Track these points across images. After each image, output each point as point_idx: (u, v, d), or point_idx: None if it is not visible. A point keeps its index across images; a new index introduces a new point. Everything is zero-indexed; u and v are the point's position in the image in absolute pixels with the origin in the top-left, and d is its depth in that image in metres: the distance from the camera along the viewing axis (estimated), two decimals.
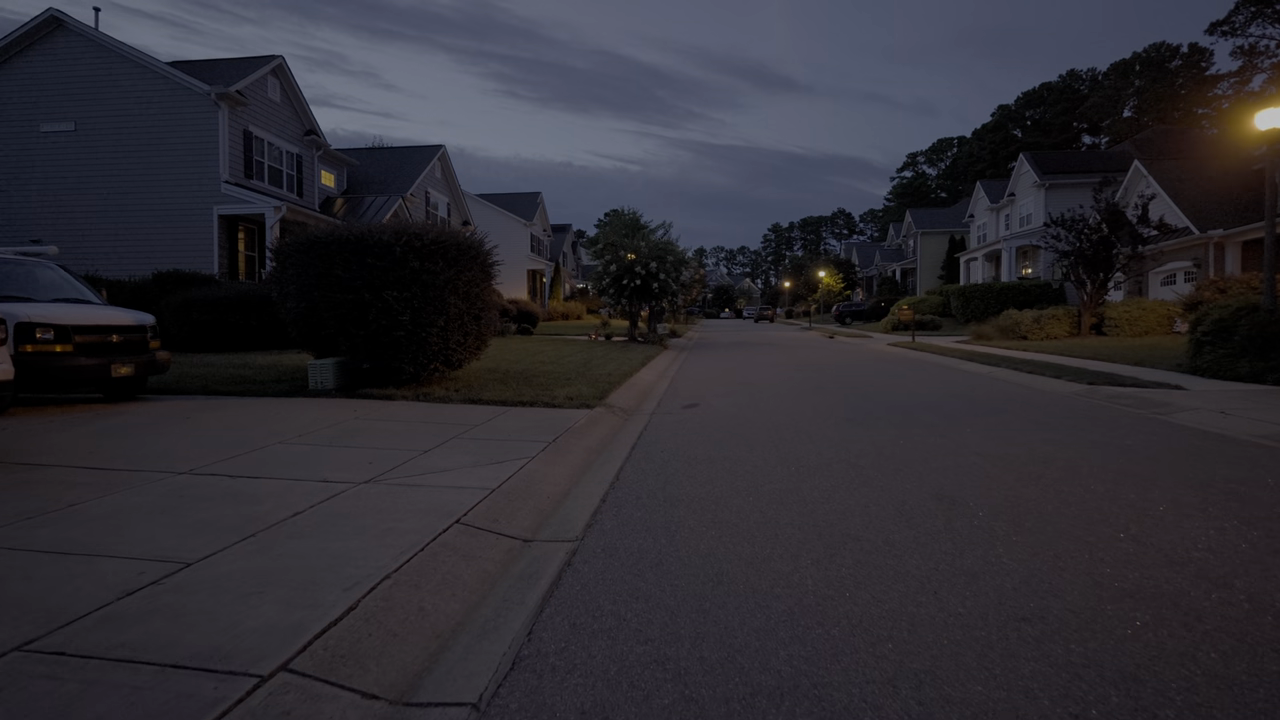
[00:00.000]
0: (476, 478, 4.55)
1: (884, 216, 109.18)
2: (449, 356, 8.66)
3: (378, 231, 8.12)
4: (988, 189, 41.23)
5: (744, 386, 10.53)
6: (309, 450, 5.33)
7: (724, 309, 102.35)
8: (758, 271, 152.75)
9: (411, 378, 8.57)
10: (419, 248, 8.16)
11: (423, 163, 25.51)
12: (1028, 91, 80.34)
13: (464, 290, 8.69)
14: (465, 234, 9.07)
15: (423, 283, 8.17)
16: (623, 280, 20.43)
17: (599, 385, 9.46)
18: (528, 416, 7.15)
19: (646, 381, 11.30)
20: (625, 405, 8.46)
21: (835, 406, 8.20)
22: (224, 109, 16.73)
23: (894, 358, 16.55)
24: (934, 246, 52.20)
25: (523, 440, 5.83)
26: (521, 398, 8.08)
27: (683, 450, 5.74)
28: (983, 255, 38.27)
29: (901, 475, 4.74)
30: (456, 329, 8.63)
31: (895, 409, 7.93)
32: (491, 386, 8.95)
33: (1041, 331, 20.26)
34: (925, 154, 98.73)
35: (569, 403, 7.89)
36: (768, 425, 6.92)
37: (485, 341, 9.62)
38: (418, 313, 8.15)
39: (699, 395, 9.52)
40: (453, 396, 8.08)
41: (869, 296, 61.80)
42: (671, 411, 8.03)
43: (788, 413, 7.75)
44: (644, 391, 10.06)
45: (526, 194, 45.27)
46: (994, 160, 77.64)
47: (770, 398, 9.11)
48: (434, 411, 7.34)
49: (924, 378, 11.65)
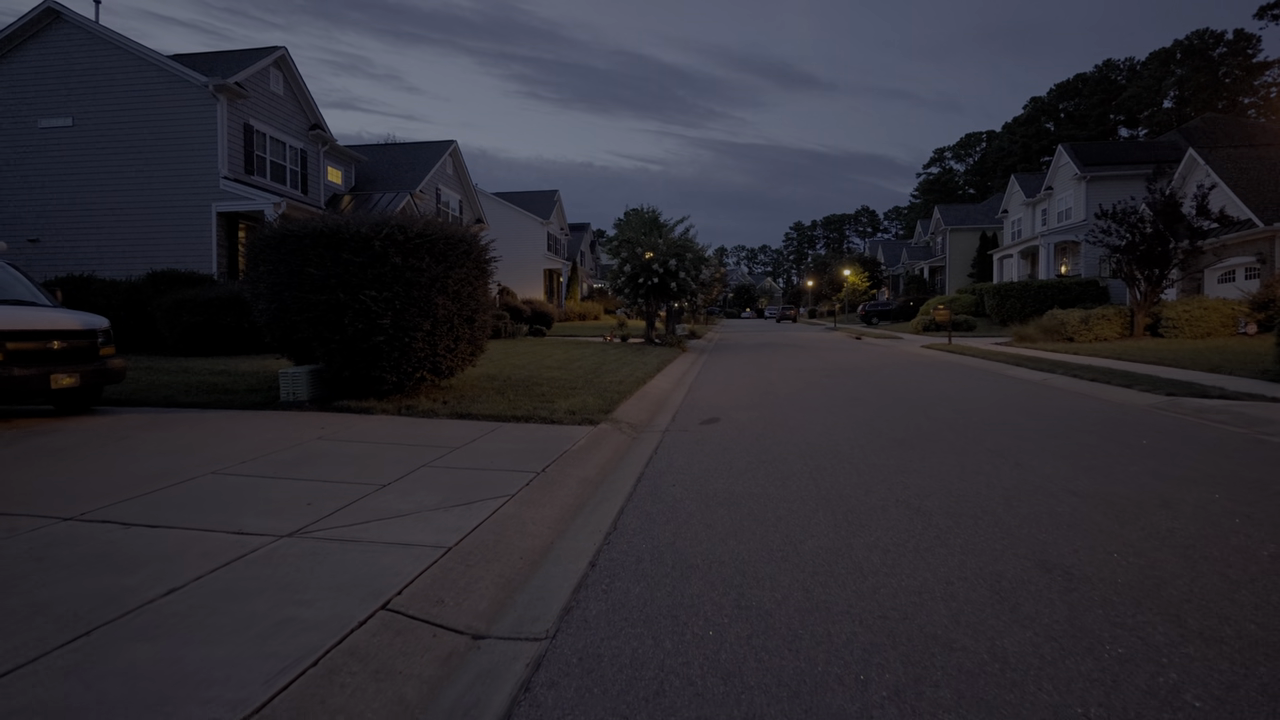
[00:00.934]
0: (434, 527, 3.56)
1: (909, 214, 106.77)
2: (437, 364, 7.71)
3: (354, 223, 7.19)
4: (1023, 183, 39.44)
5: (769, 396, 9.44)
6: (245, 483, 4.39)
7: (745, 309, 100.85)
8: (779, 271, 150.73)
9: (395, 388, 7.63)
10: (401, 241, 7.22)
11: (433, 159, 24.72)
12: (1061, 83, 77.68)
13: (455, 289, 7.73)
14: (458, 226, 8.11)
15: (406, 281, 7.23)
16: (639, 279, 19.41)
17: (607, 396, 8.45)
18: (520, 435, 6.16)
19: (661, 390, 10.26)
20: (635, 420, 7.44)
21: (877, 422, 7.08)
22: (222, 101, 16.05)
23: (932, 361, 15.30)
24: (964, 244, 50.38)
25: (506, 469, 4.83)
26: (517, 411, 7.10)
27: (699, 484, 4.69)
28: (1018, 252, 36.55)
29: (982, 527, 3.65)
30: (446, 333, 7.67)
31: (949, 425, 6.79)
32: (486, 398, 7.99)
33: (1090, 333, 18.81)
34: (952, 149, 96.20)
35: (570, 418, 6.89)
36: (801, 447, 5.85)
37: (481, 347, 8.66)
38: (400, 315, 7.20)
39: (719, 407, 8.46)
40: (439, 410, 7.13)
41: (895, 295, 60.04)
42: (688, 428, 6.99)
43: (823, 430, 6.66)
44: (658, 402, 9.02)
45: (543, 192, 44.46)
46: (1026, 155, 75.21)
47: (800, 410, 8.02)
48: (413, 429, 6.38)
49: (971, 385, 10.45)
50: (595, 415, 7.11)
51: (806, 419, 7.39)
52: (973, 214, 52.77)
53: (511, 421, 6.83)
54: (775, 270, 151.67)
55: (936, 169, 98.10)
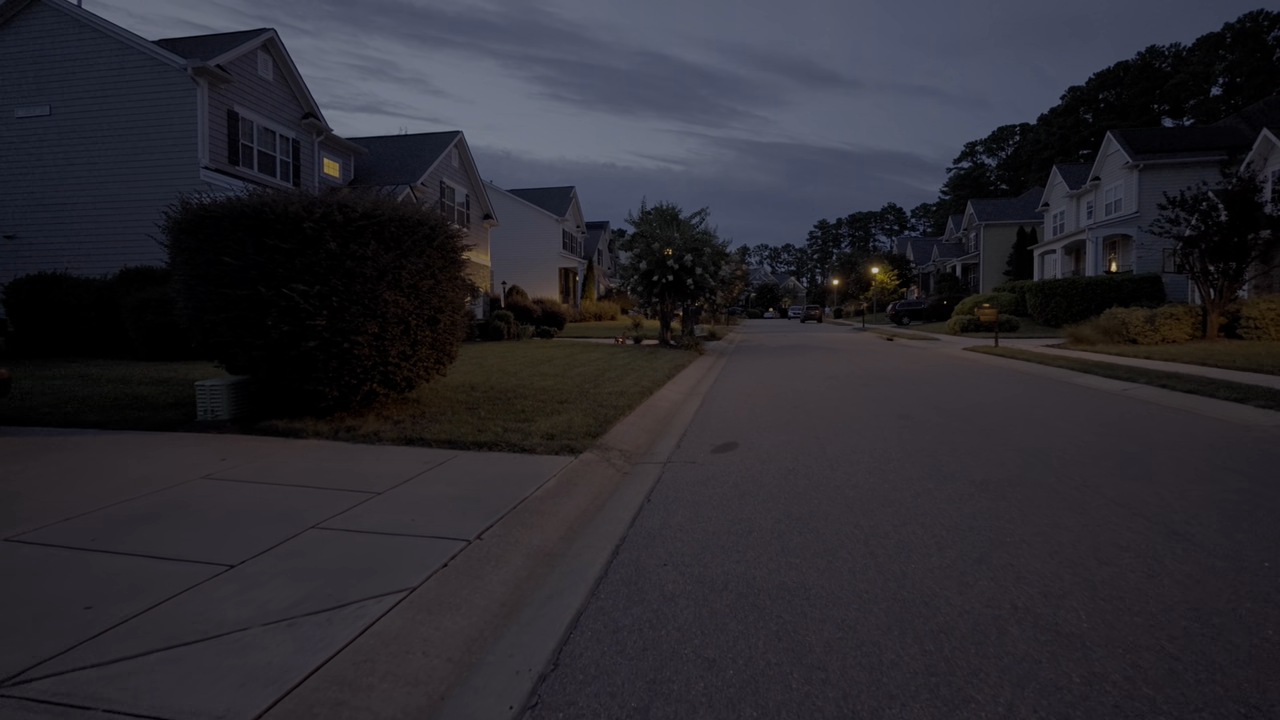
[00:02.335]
0: (247, 668, 2.11)
1: (938, 210, 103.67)
2: (389, 374, 6.29)
3: (282, 201, 5.81)
4: (1066, 174, 37.08)
5: (798, 411, 7.87)
6: (31, 560, 3.00)
7: (768, 308, 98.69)
8: (803, 270, 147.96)
9: (338, 404, 6.24)
10: (340, 223, 5.82)
11: (437, 150, 23.41)
12: (1101, 72, 74.34)
13: (411, 283, 6.31)
14: (418, 207, 6.69)
15: (346, 272, 5.83)
16: (653, 277, 17.89)
17: (601, 412, 6.97)
18: (473, 471, 4.71)
19: (670, 402, 8.75)
20: (631, 445, 5.94)
21: (941, 451, 5.50)
22: (203, 86, 14.91)
23: (981, 367, 13.54)
24: (999, 239, 47.98)
25: (429, 533, 3.38)
26: (481, 436, 5.65)
27: (701, 564, 3.19)
28: (1061, 247, 34.26)
29: (1189, 682, 2.09)
30: (400, 337, 6.26)
31: (1041, 459, 5.18)
32: (452, 415, 6.56)
33: (1156, 334, 16.84)
34: (984, 143, 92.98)
35: (546, 444, 5.43)
36: (846, 494, 4.30)
37: (449, 353, 7.23)
38: (338, 314, 5.80)
39: (737, 425, 6.93)
40: (385, 433, 5.71)
41: (926, 294, 57.66)
42: (696, 458, 5.47)
43: (872, 464, 5.10)
44: (663, 419, 7.51)
45: (559, 188, 43.16)
46: (1064, 147, 72.07)
47: (838, 431, 6.45)
48: (338, 461, 4.97)
49: (1039, 398, 8.76)
50: (580, 440, 5.64)
51: (847, 445, 5.82)
52: (1008, 208, 50.30)
53: (471, 449, 5.38)
54: (799, 269, 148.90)
55: (967, 164, 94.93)
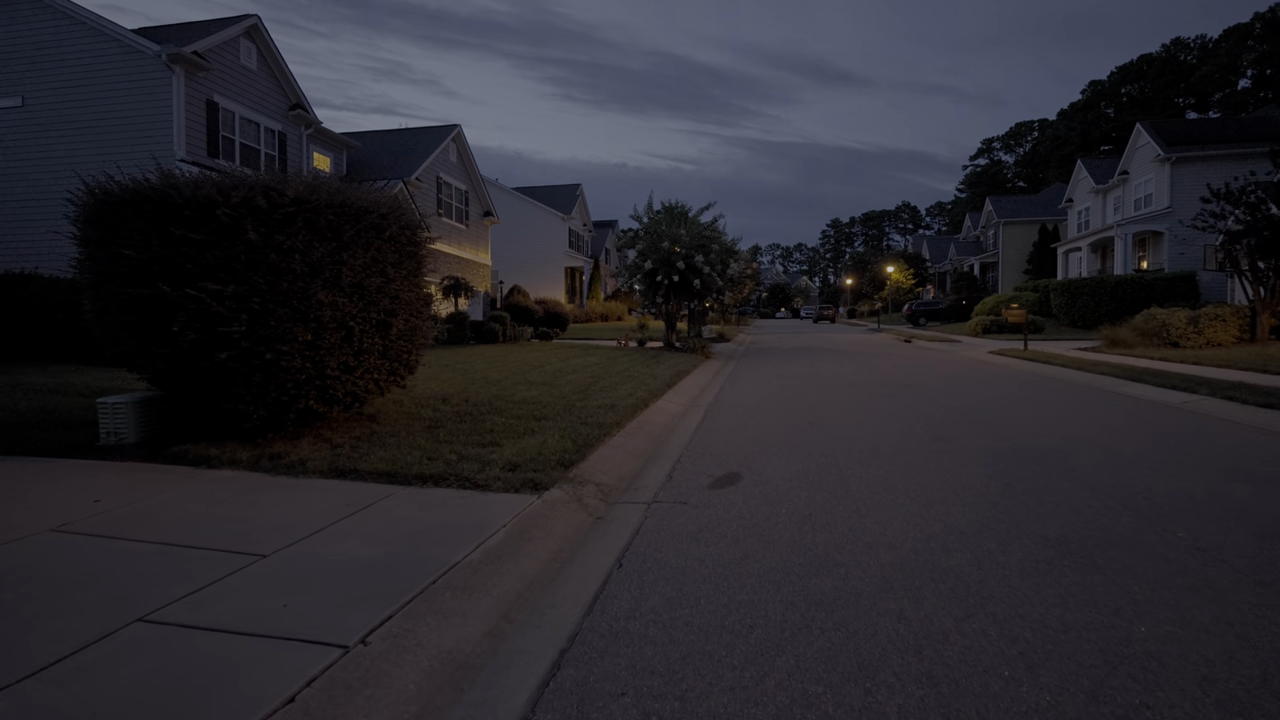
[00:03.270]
0: None
1: (954, 209, 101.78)
2: (328, 389, 5.31)
3: (193, 183, 4.85)
4: (1091, 168, 35.60)
5: (814, 428, 6.81)
6: None
7: (779, 308, 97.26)
8: (815, 269, 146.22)
9: (269, 424, 5.25)
10: (263, 209, 4.84)
11: (433, 144, 22.50)
12: (1124, 65, 72.32)
13: (355, 281, 5.33)
14: (366, 190, 5.70)
15: (271, 268, 4.85)
16: (657, 275, 16.84)
17: (584, 431, 5.96)
18: (402, 519, 3.71)
19: (668, 416, 7.72)
20: (612, 475, 4.93)
21: (993, 489, 4.43)
22: (179, 73, 14.07)
23: (1014, 373, 12.39)
24: (1019, 237, 46.46)
25: (297, 631, 2.37)
26: (430, 465, 4.67)
27: (678, 691, 2.17)
28: (1087, 245, 32.81)
29: None
30: (341, 345, 5.27)
31: (1126, 504, 4.10)
32: (406, 437, 5.57)
33: (1200, 337, 15.57)
34: (1001, 140, 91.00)
35: (506, 477, 4.43)
36: (880, 558, 3.26)
37: (407, 363, 6.24)
38: (261, 318, 4.83)
39: (742, 448, 5.89)
40: (315, 461, 4.73)
41: (942, 293, 56.18)
42: (688, 497, 4.44)
43: (909, 508, 4.05)
44: (656, 439, 6.48)
45: (565, 186, 42.21)
46: (1084, 143, 70.15)
47: (863, 459, 5.39)
48: (239, 502, 3.99)
49: (1094, 414, 7.64)
50: (548, 472, 4.63)
51: (876, 479, 4.76)
52: (1029, 205, 48.75)
53: (413, 484, 4.39)
54: (811, 269, 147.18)
55: (984, 161, 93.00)
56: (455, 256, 23.99)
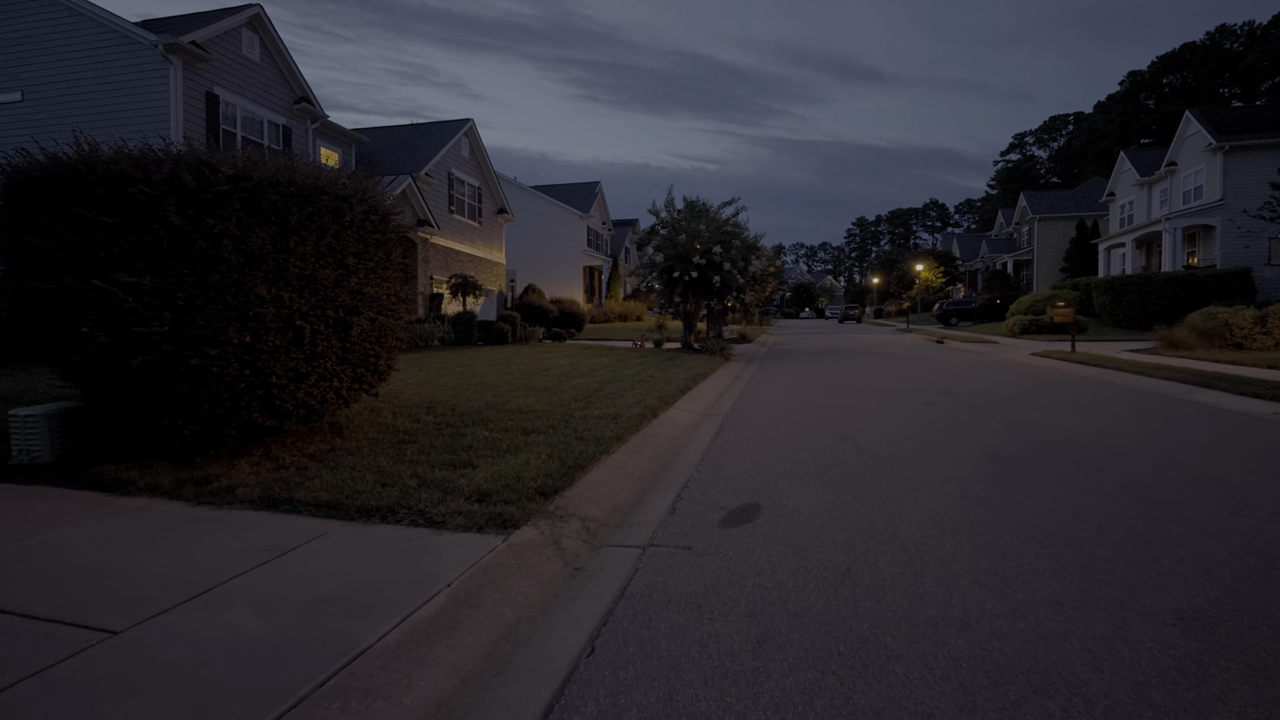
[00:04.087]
0: None
1: (984, 206, 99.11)
2: (273, 400, 4.52)
3: (109, 158, 4.11)
4: (1135, 160, 33.81)
5: (846, 444, 5.88)
6: None
7: (804, 308, 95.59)
8: (840, 268, 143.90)
9: (205, 440, 4.49)
10: (190, 188, 4.08)
11: (444, 139, 21.86)
12: (1165, 55, 69.44)
13: (306, 274, 4.55)
14: (317, 167, 4.93)
15: (199, 257, 4.09)
16: (674, 272, 15.94)
17: (577, 448, 5.12)
18: (322, 573, 2.90)
19: (679, 428, 6.84)
20: (602, 508, 4.07)
21: (1082, 532, 3.49)
22: (176, 65, 13.57)
23: (1065, 379, 11.26)
24: (1055, 234, 44.58)
25: None
26: (382, 494, 3.86)
27: None
28: (1131, 241, 31.11)
29: None
30: (288, 348, 4.49)
31: (1261, 556, 3.13)
32: (367, 456, 4.79)
33: (1269, 337, 14.24)
34: (1035, 134, 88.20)
35: (470, 511, 3.61)
36: (952, 648, 2.35)
37: (377, 367, 5.46)
38: (187, 317, 4.06)
39: (762, 472, 4.99)
40: (247, 487, 3.95)
41: (973, 292, 54.35)
42: (693, 541, 3.56)
43: (978, 559, 3.13)
44: (661, 457, 5.60)
45: (583, 184, 41.48)
46: (1123, 136, 67.54)
47: (909, 486, 4.46)
48: (128, 544, 3.22)
49: (1171, 428, 6.59)
50: (524, 502, 3.80)
51: (929, 515, 3.83)
52: (1065, 201, 46.79)
53: (355, 520, 3.59)
54: (836, 268, 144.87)
55: (1016, 156, 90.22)
56: (468, 254, 23.36)
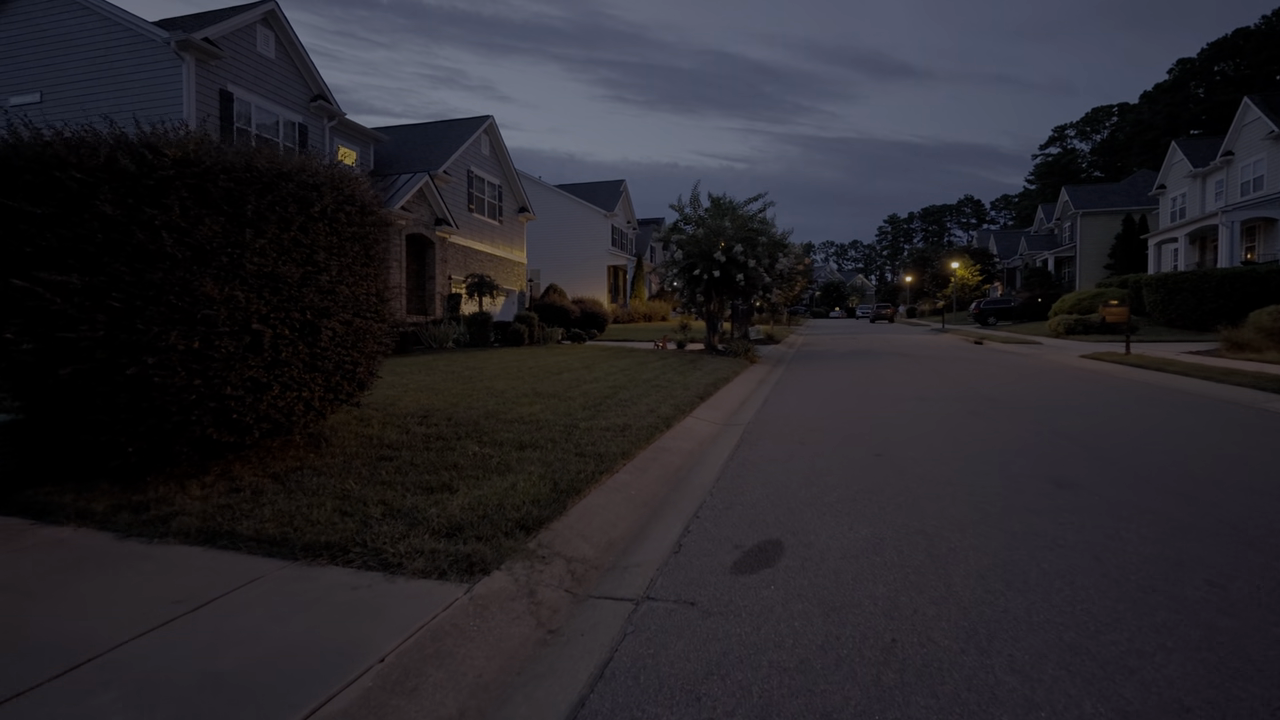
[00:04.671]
0: None
1: (1021, 202, 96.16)
2: (228, 413, 4.01)
3: (37, 144, 3.64)
4: (1187, 150, 32.05)
5: (883, 463, 5.18)
6: None
7: (834, 307, 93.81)
8: (871, 267, 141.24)
9: (154, 458, 4.00)
10: (129, 174, 3.59)
11: (463, 136, 21.49)
12: (1216, 41, 66.27)
13: (265, 270, 4.03)
14: (275, 152, 4.42)
15: (137, 251, 3.59)
16: (696, 271, 15.27)
17: (576, 466, 4.53)
18: (237, 636, 2.34)
19: (695, 440, 6.20)
20: (594, 545, 3.47)
21: (1189, 590, 2.77)
22: (189, 62, 13.37)
23: (1121, 383, 10.31)
24: (1099, 229, 42.70)
25: None
26: (337, 528, 3.32)
27: None
28: (1184, 235, 29.43)
29: None
30: (245, 354, 3.98)
31: None
32: (338, 475, 4.25)
33: None
34: (1076, 126, 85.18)
35: (436, 549, 3.07)
36: None
37: (356, 375, 4.93)
38: (124, 319, 3.57)
39: (786, 498, 4.33)
40: (182, 517, 3.44)
41: (1011, 290, 52.45)
42: (700, 590, 2.93)
43: (1065, 634, 2.43)
44: (671, 477, 4.97)
45: (607, 182, 40.97)
46: (1171, 127, 64.62)
47: (961, 522, 3.76)
48: (29, 591, 2.71)
49: (1264, 445, 5.73)
50: (501, 538, 3.23)
51: (993, 565, 3.14)
52: (1110, 194, 44.81)
53: (300, 558, 3.05)
54: (867, 267, 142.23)
55: (1056, 149, 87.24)
56: (487, 254, 22.99)
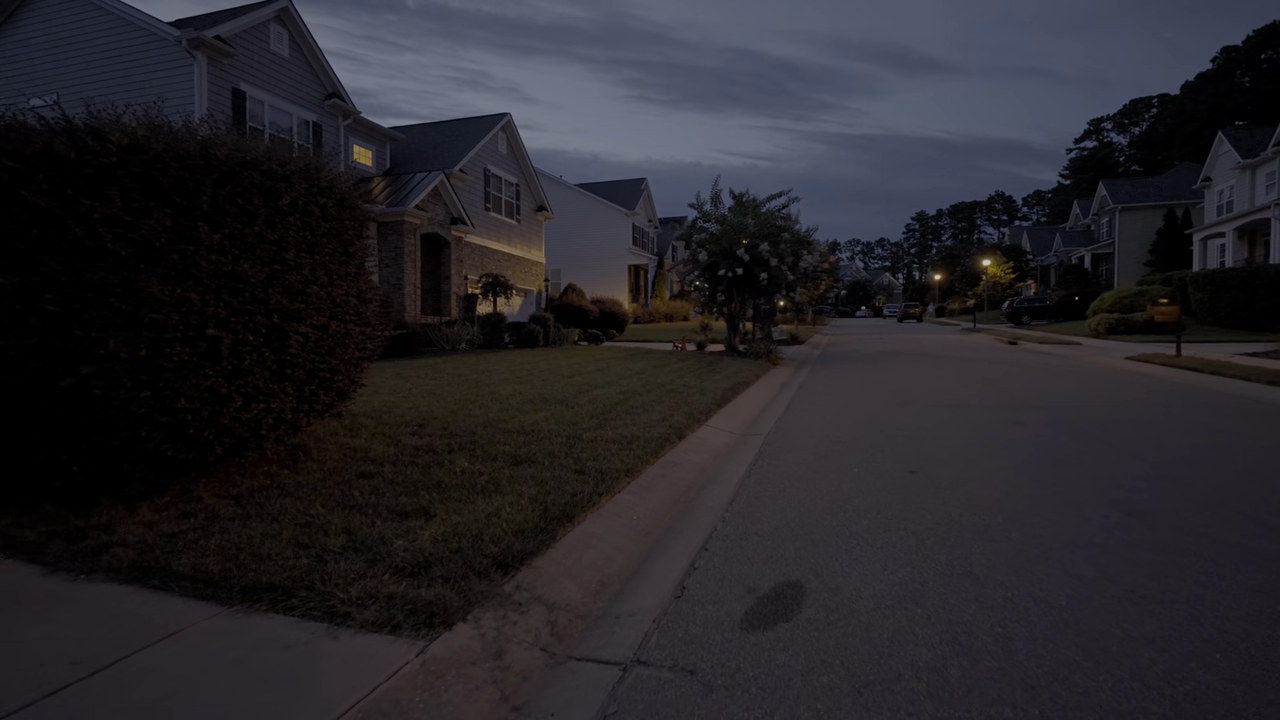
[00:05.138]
0: None
1: (1055, 197, 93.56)
2: (184, 428, 3.61)
3: None
4: (1235, 141, 30.52)
5: (920, 483, 4.61)
6: None
7: (860, 306, 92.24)
8: (898, 265, 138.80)
9: (100, 478, 3.62)
10: (68, 161, 3.20)
11: (480, 134, 21.19)
12: (1263, 28, 63.47)
13: (225, 270, 3.63)
14: (236, 137, 4.03)
15: (74, 249, 3.21)
16: (717, 269, 14.72)
17: (572, 486, 4.06)
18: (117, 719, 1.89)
19: (709, 453, 5.68)
20: (581, 587, 2.99)
21: None
22: (201, 60, 13.23)
23: (1178, 389, 9.54)
24: (1139, 225, 41.09)
25: None
26: (286, 565, 2.90)
27: None
28: (1233, 230, 27.98)
29: None
30: (198, 364, 3.57)
31: None
32: (307, 495, 3.84)
33: None
34: (1113, 118, 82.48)
35: (394, 595, 2.61)
36: None
37: (336, 386, 4.51)
38: (60, 325, 3.18)
39: (809, 526, 3.80)
40: (122, 547, 3.05)
41: (1044, 288, 50.81)
42: (702, 652, 2.43)
43: None
44: (680, 497, 4.47)
45: (628, 181, 40.52)
46: (1215, 118, 62.00)
47: (1015, 561, 3.20)
48: None
49: None
50: (473, 579, 2.78)
51: (1060, 623, 2.59)
52: (1150, 188, 43.07)
53: (237, 604, 2.62)
54: (894, 265, 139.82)
55: (1092, 143, 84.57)
56: (505, 253, 22.68)
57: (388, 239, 16.43)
